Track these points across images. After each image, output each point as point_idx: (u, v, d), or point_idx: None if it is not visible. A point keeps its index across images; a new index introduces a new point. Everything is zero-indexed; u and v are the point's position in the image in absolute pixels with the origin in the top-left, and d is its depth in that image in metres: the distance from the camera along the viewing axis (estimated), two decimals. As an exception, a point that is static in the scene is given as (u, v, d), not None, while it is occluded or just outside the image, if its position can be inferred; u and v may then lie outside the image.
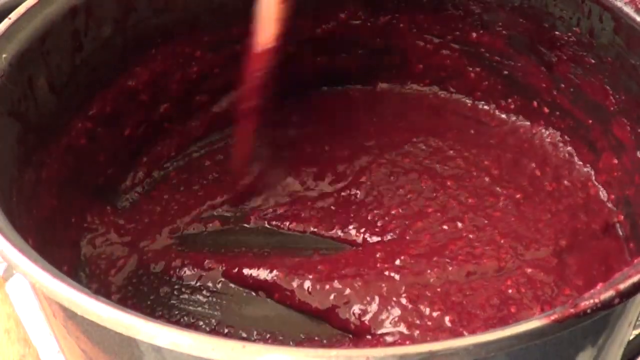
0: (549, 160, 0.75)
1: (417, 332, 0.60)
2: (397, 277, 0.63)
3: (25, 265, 0.44)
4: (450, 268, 0.64)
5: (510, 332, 0.40)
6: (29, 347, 0.73)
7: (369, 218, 0.70)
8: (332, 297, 0.63)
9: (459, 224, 0.68)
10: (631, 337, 0.63)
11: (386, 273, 0.64)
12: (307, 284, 0.64)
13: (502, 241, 0.67)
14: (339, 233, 0.70)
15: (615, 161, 0.69)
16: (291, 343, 0.62)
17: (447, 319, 0.60)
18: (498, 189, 0.72)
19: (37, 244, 0.54)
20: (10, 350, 0.73)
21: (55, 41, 0.63)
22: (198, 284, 0.67)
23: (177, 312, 0.65)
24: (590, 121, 0.71)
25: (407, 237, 0.68)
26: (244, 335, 0.63)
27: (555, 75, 0.73)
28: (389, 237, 0.68)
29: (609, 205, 0.70)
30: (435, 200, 0.71)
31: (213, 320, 0.64)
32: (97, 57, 0.68)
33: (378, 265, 0.65)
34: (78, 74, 0.66)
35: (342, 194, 0.72)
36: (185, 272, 0.67)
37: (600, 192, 0.71)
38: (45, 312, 0.52)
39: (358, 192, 0.72)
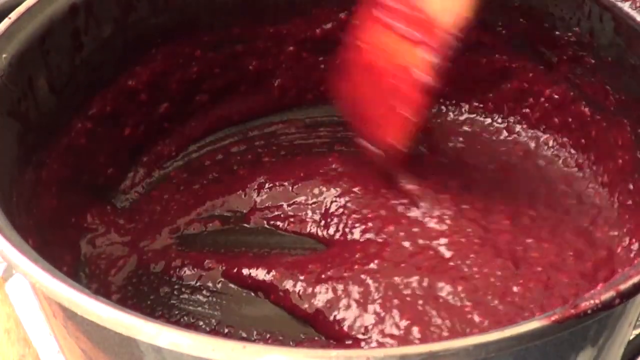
0: (548, 174, 0.74)
1: (391, 341, 0.59)
2: (370, 282, 0.63)
3: (25, 265, 0.44)
4: (416, 277, 0.63)
5: (510, 332, 0.40)
6: (29, 347, 0.73)
7: (349, 220, 0.69)
8: (317, 301, 0.63)
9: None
10: (631, 337, 0.63)
11: (362, 276, 0.63)
12: (299, 287, 0.64)
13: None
14: (322, 233, 0.69)
15: (615, 162, 0.69)
16: (291, 343, 0.62)
17: (415, 329, 0.59)
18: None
19: (37, 244, 0.54)
20: (10, 351, 0.73)
21: (55, 41, 0.63)
22: (198, 284, 0.67)
23: (177, 312, 0.65)
24: (590, 122, 0.71)
25: (380, 240, 0.67)
26: (244, 335, 0.63)
27: (556, 75, 0.73)
28: (366, 237, 0.67)
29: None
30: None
31: (213, 320, 0.64)
32: (97, 57, 0.68)
33: (356, 267, 0.64)
34: (78, 74, 0.66)
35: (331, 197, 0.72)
36: (185, 272, 0.67)
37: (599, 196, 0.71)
38: (45, 312, 0.52)
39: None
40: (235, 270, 0.66)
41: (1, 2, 0.68)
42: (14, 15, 0.61)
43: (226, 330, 0.63)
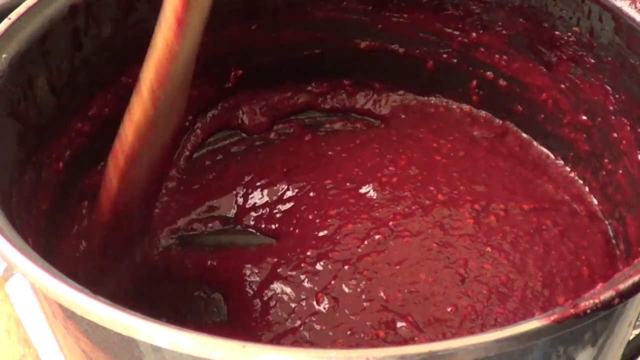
0: (542, 170, 0.74)
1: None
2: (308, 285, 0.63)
3: (25, 265, 0.44)
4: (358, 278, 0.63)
5: (510, 332, 0.40)
6: (29, 347, 0.73)
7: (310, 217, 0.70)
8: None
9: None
10: (631, 337, 0.63)
11: (302, 277, 0.64)
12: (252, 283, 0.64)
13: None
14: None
15: (615, 162, 0.69)
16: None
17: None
18: (463, 205, 0.70)
19: (36, 244, 0.54)
20: (10, 351, 0.73)
21: (55, 41, 0.63)
22: (198, 283, 0.67)
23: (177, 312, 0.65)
24: (590, 123, 0.71)
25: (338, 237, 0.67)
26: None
27: (555, 75, 0.73)
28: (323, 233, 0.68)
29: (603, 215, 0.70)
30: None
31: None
32: (97, 57, 0.68)
33: (302, 265, 0.64)
34: (78, 74, 0.66)
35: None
36: (185, 272, 0.67)
37: (595, 200, 0.71)
38: (45, 312, 0.52)
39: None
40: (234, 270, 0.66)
41: (1, 3, 0.68)
42: (14, 15, 0.61)
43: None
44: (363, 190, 0.71)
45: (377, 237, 0.66)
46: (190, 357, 0.40)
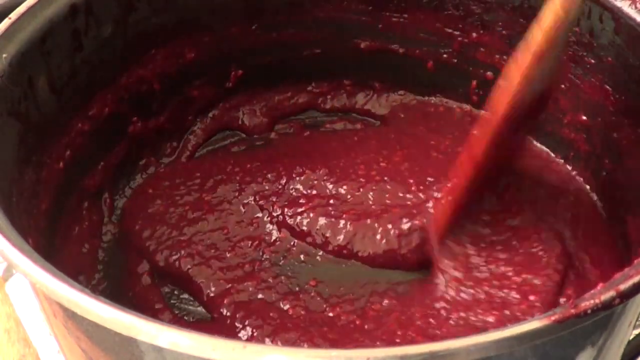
0: (545, 173, 0.74)
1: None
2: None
3: (25, 265, 0.44)
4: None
5: (510, 332, 0.40)
6: (29, 347, 0.73)
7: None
8: None
9: None
10: (631, 337, 0.63)
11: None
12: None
13: None
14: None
15: (615, 162, 0.69)
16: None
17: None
18: None
19: (37, 244, 0.54)
20: (10, 350, 0.73)
21: (56, 41, 0.63)
22: (198, 284, 0.67)
23: (177, 312, 0.65)
24: (590, 123, 0.71)
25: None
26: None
27: (555, 75, 0.73)
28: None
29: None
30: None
31: (213, 320, 0.64)
32: (97, 57, 0.68)
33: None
34: (78, 74, 0.66)
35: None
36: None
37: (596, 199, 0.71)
38: (45, 312, 0.52)
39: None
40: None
41: (1, 2, 0.68)
42: (14, 15, 0.61)
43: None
44: (360, 186, 0.71)
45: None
46: (190, 357, 0.40)
